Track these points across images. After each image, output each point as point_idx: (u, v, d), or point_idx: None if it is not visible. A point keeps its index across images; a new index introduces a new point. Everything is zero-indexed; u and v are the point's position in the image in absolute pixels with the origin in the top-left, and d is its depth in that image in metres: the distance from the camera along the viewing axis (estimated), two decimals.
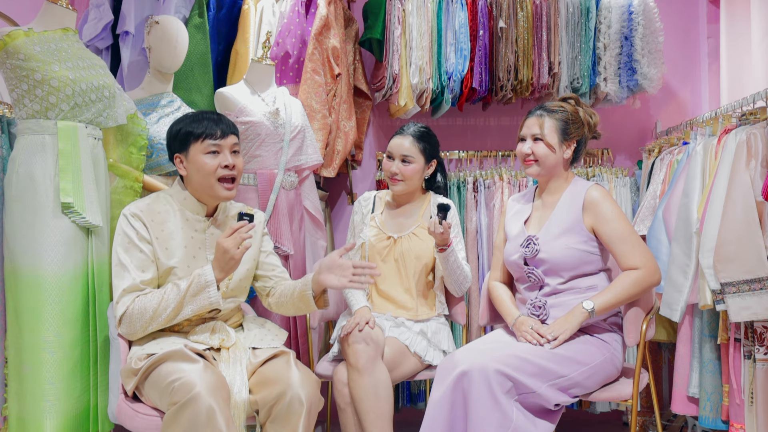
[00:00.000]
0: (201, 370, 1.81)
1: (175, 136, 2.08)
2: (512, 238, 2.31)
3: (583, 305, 2.10)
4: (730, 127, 2.43)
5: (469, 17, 3.11)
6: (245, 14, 2.98)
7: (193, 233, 2.09)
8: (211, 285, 1.94)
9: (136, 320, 1.96)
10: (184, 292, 1.94)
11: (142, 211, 2.05)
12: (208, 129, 2.05)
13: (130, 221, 2.03)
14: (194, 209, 2.12)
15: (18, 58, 2.10)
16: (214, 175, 2.04)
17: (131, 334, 2.00)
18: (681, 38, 3.46)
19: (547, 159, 2.22)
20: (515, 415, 1.94)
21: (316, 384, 1.97)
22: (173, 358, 1.88)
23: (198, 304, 1.96)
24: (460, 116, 3.47)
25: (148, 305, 1.95)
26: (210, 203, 2.13)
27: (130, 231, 2.02)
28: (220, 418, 1.74)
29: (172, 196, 2.13)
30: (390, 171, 2.49)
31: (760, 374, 2.21)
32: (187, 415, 1.74)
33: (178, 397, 1.76)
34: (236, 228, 1.93)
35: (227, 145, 2.07)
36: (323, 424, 3.14)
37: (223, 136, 2.06)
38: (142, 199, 2.13)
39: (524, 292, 2.28)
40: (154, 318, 1.95)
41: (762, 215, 2.20)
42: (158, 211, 2.08)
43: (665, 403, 3.03)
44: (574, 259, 2.17)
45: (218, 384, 1.82)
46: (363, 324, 2.25)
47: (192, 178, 2.08)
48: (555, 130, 2.22)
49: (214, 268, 1.95)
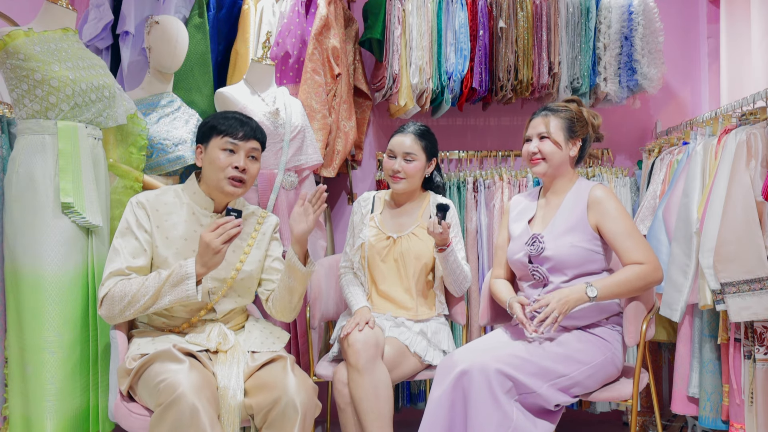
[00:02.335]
0: (186, 370, 1.81)
1: (202, 127, 2.13)
2: (516, 237, 2.32)
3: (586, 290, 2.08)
4: (730, 127, 2.43)
5: (469, 17, 3.11)
6: (245, 14, 2.98)
7: (197, 227, 2.10)
8: (190, 277, 1.92)
9: (116, 303, 1.95)
10: (163, 281, 1.93)
11: (148, 200, 2.08)
12: (231, 127, 2.08)
13: (133, 208, 2.06)
14: (202, 204, 2.13)
15: (18, 58, 2.10)
16: (224, 172, 2.06)
17: (110, 318, 1.99)
18: (681, 38, 3.46)
19: (553, 156, 2.24)
20: (515, 414, 1.94)
21: (312, 390, 1.97)
22: (161, 359, 1.88)
23: (176, 295, 1.93)
24: (460, 116, 3.47)
25: (128, 290, 1.94)
26: (218, 200, 2.14)
27: (131, 217, 2.04)
28: (204, 418, 1.75)
29: (183, 190, 2.15)
30: (392, 169, 2.49)
31: (760, 374, 2.21)
32: (171, 416, 1.75)
33: (164, 398, 1.77)
34: (221, 223, 1.91)
35: (245, 147, 2.09)
36: (323, 424, 3.14)
37: (244, 138, 2.08)
38: (152, 190, 2.15)
39: (527, 290, 2.28)
40: (131, 303, 1.94)
41: (762, 215, 2.20)
42: (165, 202, 2.10)
43: (665, 403, 3.03)
44: (578, 257, 2.18)
45: (203, 383, 1.81)
46: (363, 324, 2.25)
47: (205, 170, 2.11)
48: (561, 128, 2.25)
49: (197, 262, 1.93)
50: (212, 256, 1.91)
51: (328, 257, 2.80)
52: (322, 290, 2.61)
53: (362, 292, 2.47)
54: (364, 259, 2.49)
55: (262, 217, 2.24)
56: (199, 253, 1.93)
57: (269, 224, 2.24)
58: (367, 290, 2.50)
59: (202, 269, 1.93)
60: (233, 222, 1.92)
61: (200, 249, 1.92)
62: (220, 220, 1.92)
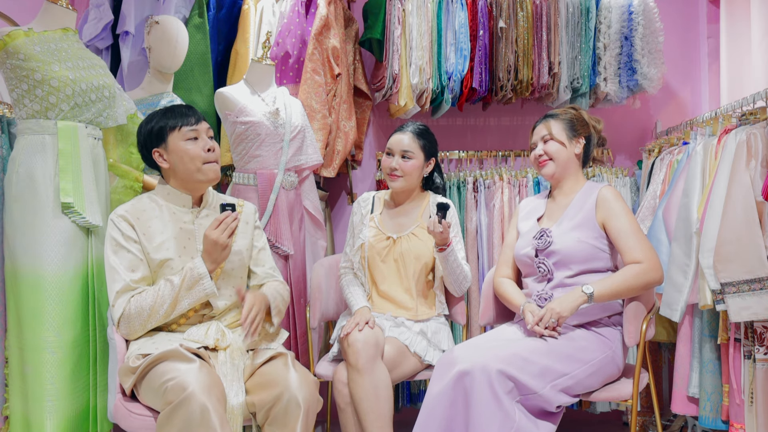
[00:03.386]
0: (196, 370, 1.81)
1: (150, 132, 2.09)
2: (524, 233, 2.36)
3: (582, 288, 2.12)
4: (730, 127, 2.43)
5: (469, 17, 3.11)
6: (245, 14, 2.98)
7: (182, 224, 2.10)
8: (204, 277, 1.98)
9: (134, 320, 1.97)
10: (178, 287, 1.97)
11: (127, 211, 2.06)
12: (183, 118, 2.08)
13: (116, 224, 2.04)
14: (179, 201, 2.12)
15: (18, 58, 2.10)
16: (200, 159, 2.06)
17: (130, 334, 2.00)
18: (681, 38, 3.46)
19: (559, 155, 2.30)
20: (517, 415, 1.94)
21: (314, 385, 1.97)
22: (169, 358, 1.88)
23: (194, 297, 1.99)
24: (460, 116, 3.47)
25: (144, 304, 1.96)
26: (195, 192, 2.13)
27: (116, 233, 2.03)
28: (214, 418, 1.74)
29: (156, 194, 2.13)
30: (390, 167, 2.49)
31: (760, 374, 2.21)
32: (181, 415, 1.74)
33: (172, 397, 1.76)
34: (221, 219, 1.98)
35: (203, 129, 2.10)
36: (323, 424, 3.14)
37: (198, 122, 2.09)
38: (126, 203, 2.12)
39: (531, 285, 2.29)
40: (152, 315, 1.97)
41: (762, 215, 2.20)
42: (143, 209, 2.08)
43: (665, 403, 3.03)
44: (584, 253, 2.20)
45: (212, 383, 1.81)
46: (363, 324, 2.25)
47: (176, 168, 2.08)
48: (562, 129, 2.32)
49: (205, 260, 1.99)
50: (221, 252, 1.99)
51: (328, 257, 2.80)
52: (322, 290, 2.61)
53: (362, 293, 2.47)
54: (364, 259, 2.49)
55: (239, 206, 2.25)
56: (207, 251, 1.98)
57: (248, 212, 2.25)
58: (368, 290, 2.50)
59: (212, 266, 2.00)
60: (232, 215, 2.00)
61: (207, 247, 1.98)
62: (219, 217, 1.99)
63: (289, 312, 2.75)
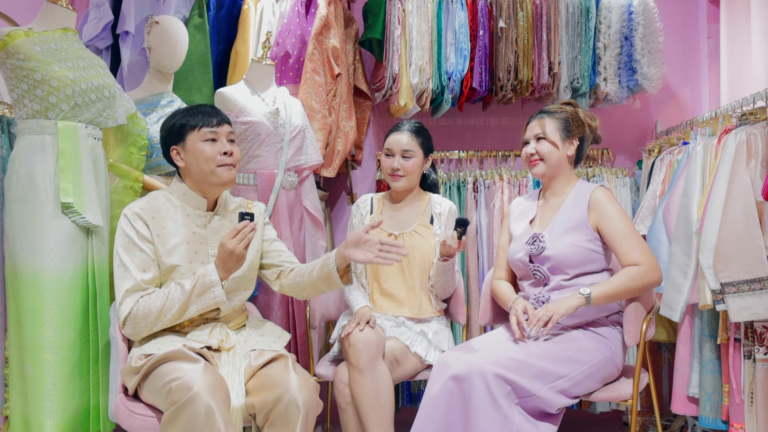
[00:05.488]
0: (201, 370, 1.81)
1: (170, 129, 2.10)
2: (517, 237, 2.33)
3: (580, 290, 2.11)
4: (730, 127, 2.43)
5: (469, 17, 3.11)
6: (245, 14, 2.98)
7: (195, 228, 2.10)
8: (215, 285, 1.97)
9: (141, 321, 1.97)
10: (189, 293, 1.96)
11: (142, 209, 2.06)
12: (204, 119, 2.08)
13: (130, 221, 2.03)
14: (194, 203, 2.12)
15: (18, 58, 2.10)
16: (215, 161, 2.06)
17: (135, 335, 2.00)
18: (681, 38, 3.46)
19: (551, 156, 2.27)
20: (516, 418, 1.94)
21: (314, 388, 1.97)
22: (173, 358, 1.88)
23: (203, 304, 1.98)
24: (460, 116, 3.47)
25: (153, 306, 1.96)
26: (210, 194, 2.13)
27: (130, 230, 2.02)
28: (219, 418, 1.74)
29: (172, 193, 2.13)
30: (391, 167, 2.50)
31: (760, 374, 2.22)
32: (185, 415, 1.74)
33: (177, 397, 1.75)
34: (240, 229, 1.96)
35: (223, 133, 2.09)
36: (324, 424, 3.14)
37: (219, 124, 2.09)
38: (141, 198, 2.13)
39: (528, 289, 2.29)
40: (159, 318, 1.96)
41: (762, 215, 2.20)
42: (158, 209, 2.08)
43: (665, 403, 3.03)
44: (579, 257, 2.19)
45: (217, 384, 1.81)
46: (363, 324, 2.25)
47: (191, 167, 2.08)
48: (557, 128, 2.28)
49: (218, 267, 1.98)
50: (235, 262, 1.98)
51: None
52: None
53: (363, 292, 2.47)
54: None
55: (249, 207, 2.25)
56: (221, 260, 1.97)
57: (257, 212, 2.25)
58: (369, 290, 2.50)
59: (224, 274, 1.99)
60: (250, 226, 1.97)
61: (223, 256, 1.96)
62: (238, 226, 1.96)
63: (289, 312, 2.75)
